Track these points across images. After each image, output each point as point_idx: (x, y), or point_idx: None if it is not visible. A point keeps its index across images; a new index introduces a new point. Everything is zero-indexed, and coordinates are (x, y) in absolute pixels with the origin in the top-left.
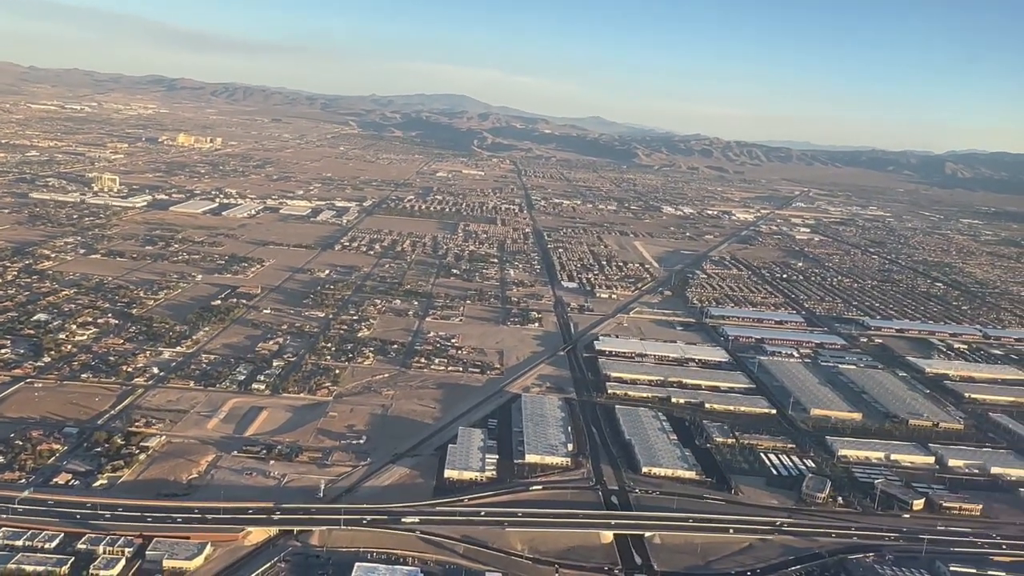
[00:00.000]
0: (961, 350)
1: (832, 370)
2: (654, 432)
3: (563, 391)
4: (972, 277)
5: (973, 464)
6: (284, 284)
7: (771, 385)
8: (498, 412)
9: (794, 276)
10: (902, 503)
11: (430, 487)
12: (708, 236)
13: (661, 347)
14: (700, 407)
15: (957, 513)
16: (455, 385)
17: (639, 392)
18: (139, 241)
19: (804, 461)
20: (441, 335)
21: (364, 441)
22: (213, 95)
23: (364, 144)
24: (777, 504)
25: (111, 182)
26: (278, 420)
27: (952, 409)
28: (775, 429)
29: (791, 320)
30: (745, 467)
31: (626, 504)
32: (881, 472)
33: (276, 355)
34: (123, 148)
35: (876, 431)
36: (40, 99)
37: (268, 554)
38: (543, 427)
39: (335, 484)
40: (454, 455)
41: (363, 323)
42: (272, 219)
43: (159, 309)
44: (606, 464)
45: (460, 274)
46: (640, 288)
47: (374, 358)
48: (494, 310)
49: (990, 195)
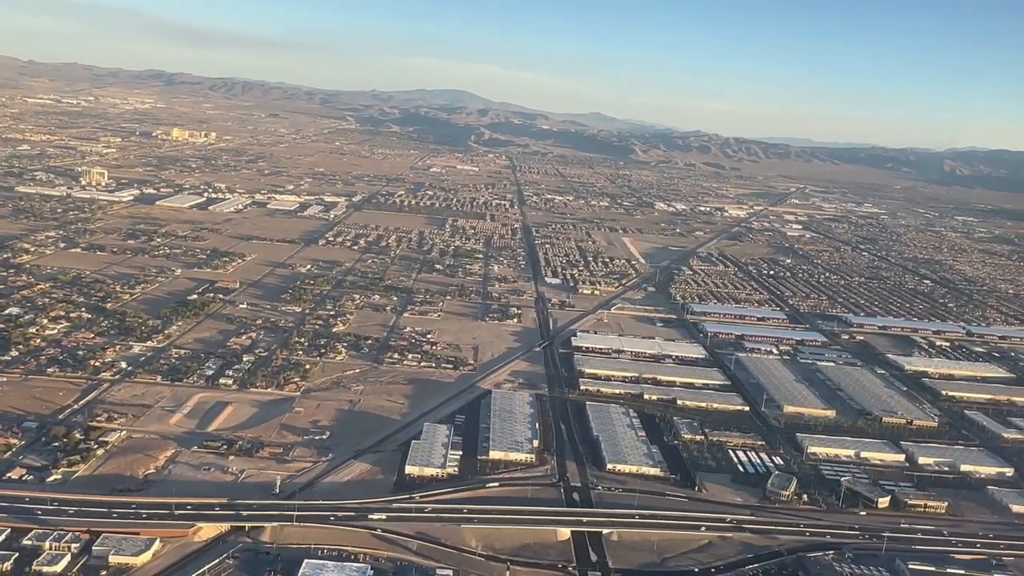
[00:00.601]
0: (943, 347)
1: (810, 367)
2: (622, 429)
3: (535, 387)
4: (961, 274)
5: (943, 462)
6: (264, 279)
7: (747, 382)
8: (467, 408)
9: (781, 273)
10: (867, 501)
11: (390, 483)
12: (698, 232)
13: (638, 343)
14: (672, 404)
15: (922, 511)
16: (426, 381)
17: (612, 388)
18: (121, 235)
19: (772, 458)
20: (417, 330)
21: (327, 437)
22: (211, 90)
23: (360, 139)
24: (741, 501)
25: (99, 176)
26: (243, 415)
27: (928, 407)
28: (746, 426)
29: (773, 317)
30: (712, 464)
31: (587, 501)
32: (850, 470)
33: (248, 350)
34: (116, 142)
35: (849, 428)
36: (37, 93)
37: (217, 550)
38: (510, 423)
39: (293, 480)
40: (416, 451)
41: (339, 318)
42: (259, 214)
43: (134, 303)
44: (571, 461)
45: (443, 270)
46: (624, 284)
47: (346, 353)
48: (474, 306)
49: (988, 192)
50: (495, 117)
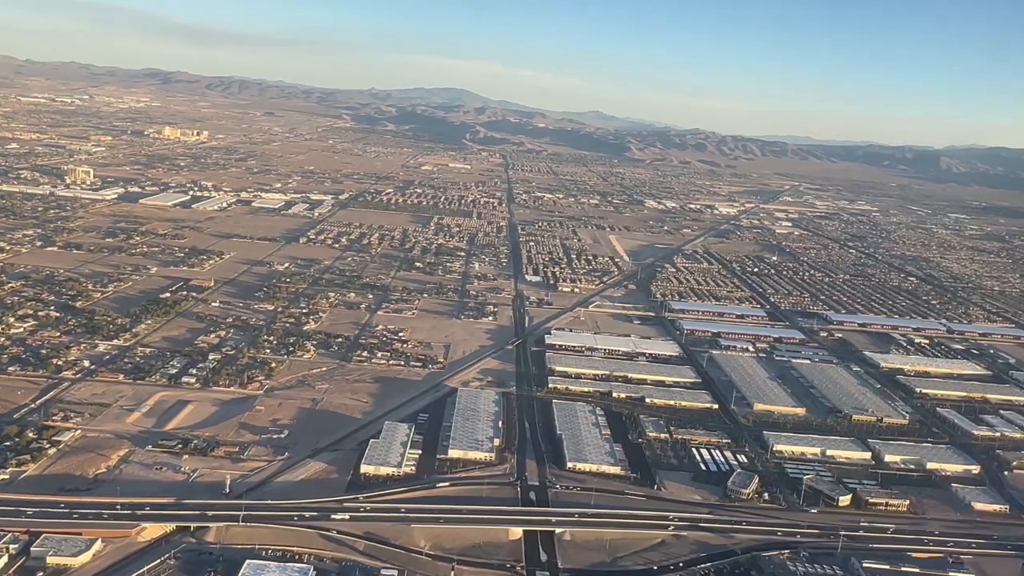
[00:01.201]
0: (922, 345)
1: (785, 365)
2: (587, 427)
3: (504, 385)
4: (948, 272)
5: (910, 460)
6: (240, 277)
7: (719, 379)
8: (431, 407)
9: (766, 270)
10: (828, 499)
11: (344, 483)
12: (686, 230)
13: (612, 341)
14: (641, 402)
15: (883, 509)
16: (393, 379)
17: (581, 387)
18: (100, 233)
19: (737, 456)
20: (390, 328)
21: (286, 435)
22: (208, 88)
23: (354, 138)
24: (700, 500)
25: (85, 175)
26: (202, 414)
27: (900, 404)
28: (714, 424)
29: (752, 314)
30: (674, 462)
31: (544, 500)
32: (814, 468)
33: (215, 348)
34: (106, 141)
35: (818, 426)
36: (32, 92)
37: (159, 551)
38: (473, 422)
39: (247, 479)
40: (374, 450)
41: (311, 316)
42: (243, 212)
43: (105, 302)
44: (532, 459)
45: (423, 267)
46: (605, 282)
47: (315, 351)
48: (450, 303)
49: (984, 190)
50: (492, 115)
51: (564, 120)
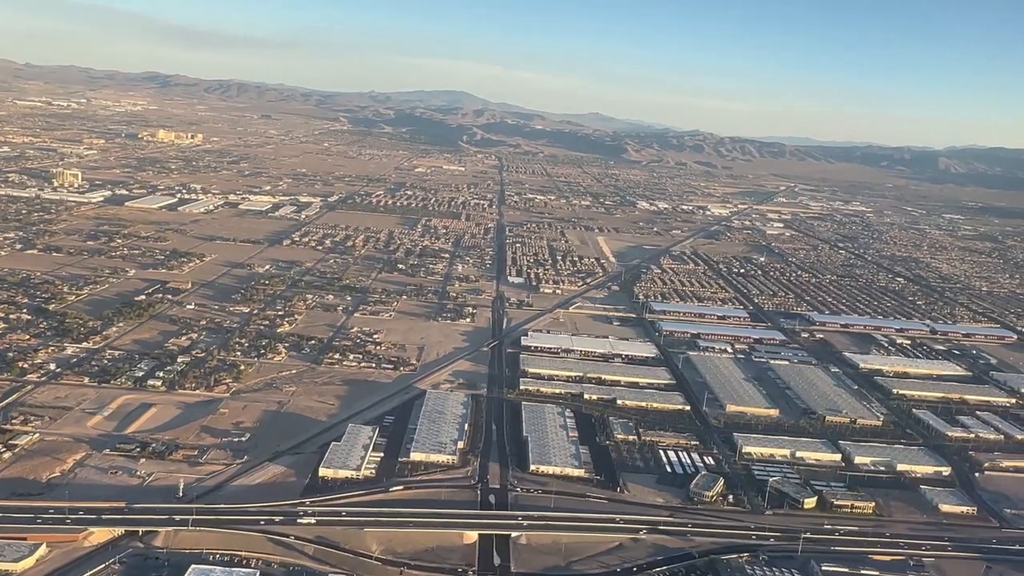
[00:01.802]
0: (903, 345)
1: (763, 366)
2: (554, 429)
3: (475, 387)
4: (937, 272)
5: (880, 461)
6: (219, 279)
7: (693, 381)
8: (398, 409)
9: (752, 271)
10: (793, 501)
11: (302, 486)
12: (676, 231)
13: (589, 342)
14: (612, 403)
15: (849, 511)
16: (363, 381)
17: (553, 388)
18: (81, 236)
19: (704, 458)
20: (365, 330)
21: (247, 439)
22: (206, 92)
23: (350, 140)
24: (663, 502)
25: (73, 177)
26: (164, 417)
27: (876, 405)
28: (684, 426)
29: (734, 315)
30: (640, 465)
31: (504, 503)
32: (782, 470)
33: (185, 351)
34: (99, 144)
35: (790, 428)
36: (29, 95)
37: (104, 555)
38: (438, 424)
39: (202, 483)
40: (334, 453)
41: (286, 318)
42: (229, 214)
43: (79, 305)
44: (496, 462)
45: (405, 269)
46: (588, 283)
47: (286, 354)
48: (429, 305)
49: (981, 190)
50: (491, 117)
51: (563, 122)
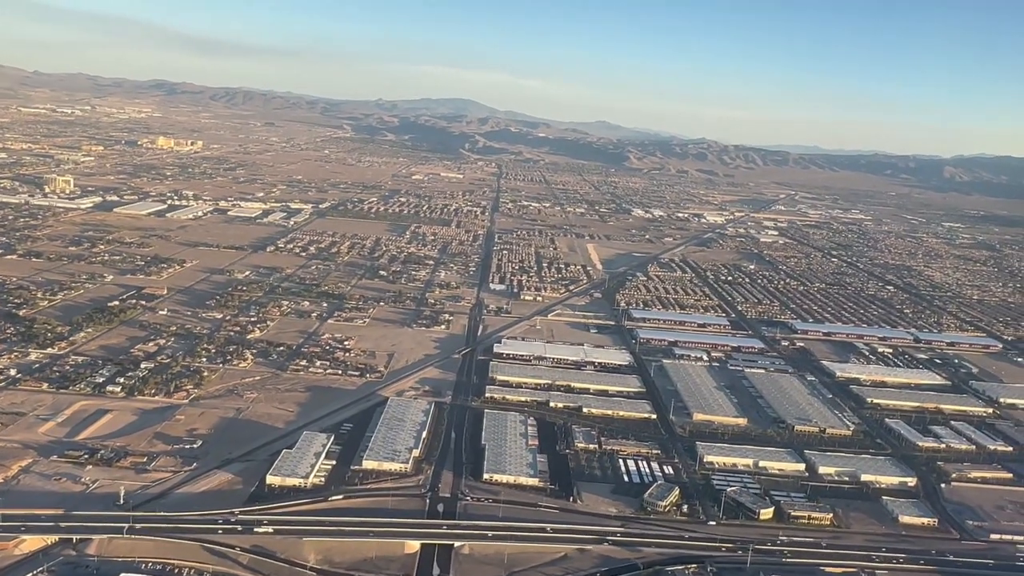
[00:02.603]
0: (885, 354)
1: (737, 374)
2: (513, 437)
3: (440, 395)
4: (929, 280)
5: (844, 471)
6: (196, 285)
7: (664, 389)
8: (358, 416)
9: (740, 279)
10: (749, 512)
11: (246, 494)
12: (668, 239)
13: (563, 350)
14: (578, 411)
15: (806, 522)
16: (327, 388)
17: (519, 396)
18: (64, 242)
19: (664, 468)
20: (336, 337)
21: (199, 445)
22: (212, 99)
23: (351, 147)
24: (616, 512)
25: (65, 184)
26: (119, 423)
27: (848, 414)
28: (649, 434)
29: (715, 323)
30: (598, 474)
31: (452, 512)
32: (743, 480)
33: (150, 357)
34: (98, 151)
35: (758, 437)
36: (34, 103)
37: (33, 563)
38: (396, 432)
39: (147, 490)
40: (284, 460)
41: (258, 325)
42: (217, 221)
43: (51, 310)
44: (450, 470)
45: (387, 276)
46: (571, 290)
47: (253, 360)
48: (406, 312)
49: (985, 198)
50: (495, 125)
51: (568, 130)
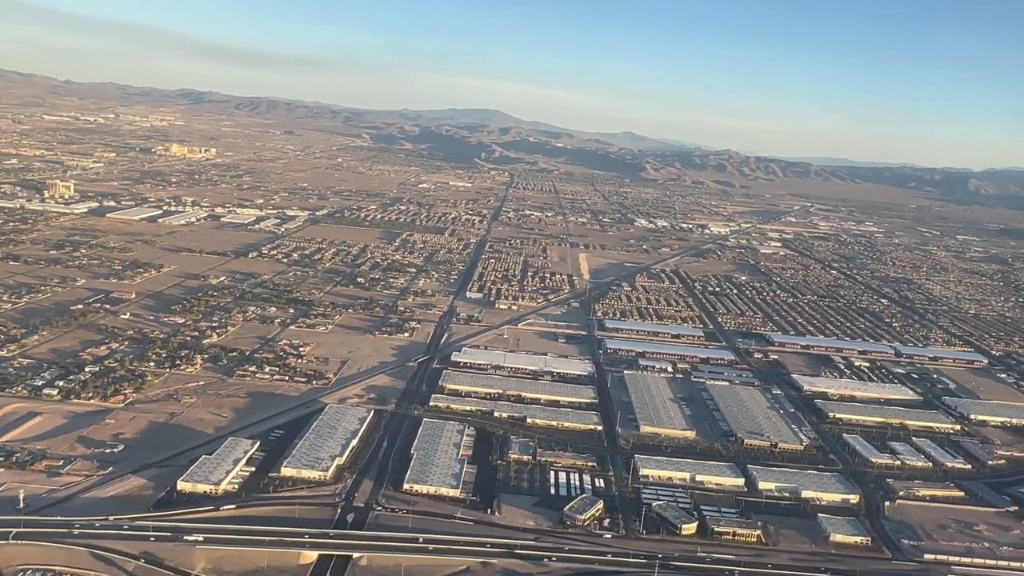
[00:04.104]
0: (861, 368)
1: (699, 386)
2: (445, 447)
3: (385, 403)
4: (927, 293)
5: (785, 487)
6: (167, 290)
7: (619, 400)
8: (292, 423)
9: (728, 290)
10: (671, 527)
11: (154, 500)
12: (665, 249)
13: (523, 359)
14: (522, 422)
15: (730, 539)
16: (269, 395)
17: (463, 405)
18: (47, 246)
19: (596, 480)
20: (293, 343)
21: (120, 450)
22: (237, 108)
23: (366, 156)
24: (533, 525)
25: (64, 189)
26: (47, 426)
27: (806, 429)
28: (590, 446)
29: (689, 334)
30: (525, 486)
31: (361, 523)
32: (675, 494)
33: (99, 360)
34: (109, 157)
35: (704, 450)
36: (60, 111)
37: None
38: (325, 439)
39: (53, 494)
40: (200, 466)
41: (217, 330)
42: (208, 227)
43: (12, 313)
44: (371, 479)
45: (364, 283)
46: (550, 299)
47: (202, 365)
48: (373, 319)
49: (1008, 212)
50: (516, 135)
51: (590, 140)
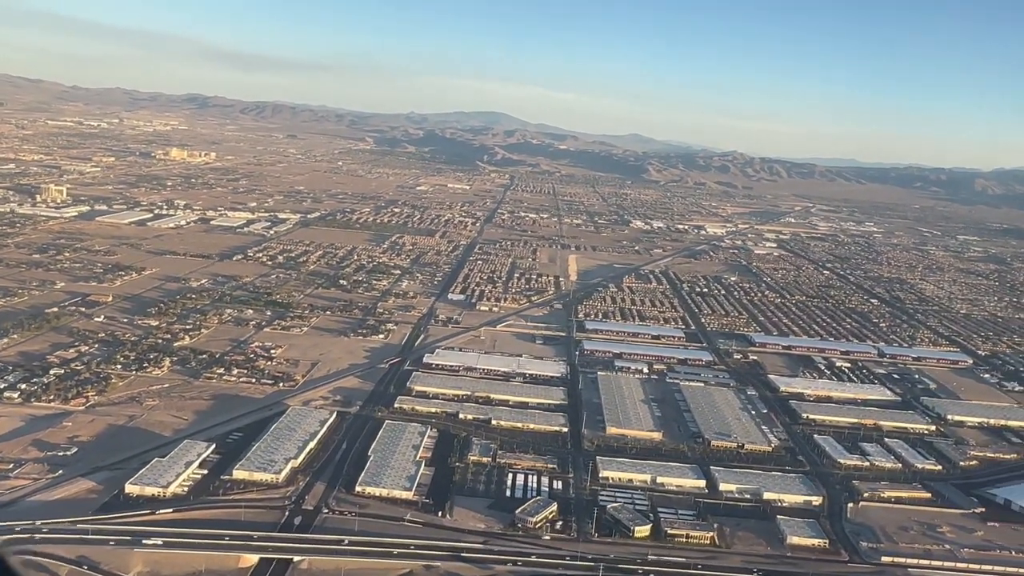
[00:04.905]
0: (842, 368)
1: (673, 387)
2: (405, 449)
3: (350, 404)
4: (919, 293)
5: (746, 488)
6: (145, 293)
7: (590, 401)
8: (254, 425)
9: (716, 290)
10: (624, 529)
11: (100, 503)
12: (658, 250)
13: (496, 361)
14: (487, 424)
15: (684, 541)
16: (233, 397)
17: (429, 407)
18: (31, 249)
19: (554, 482)
20: (265, 345)
21: (73, 452)
22: (242, 112)
23: (367, 159)
24: (483, 528)
25: (57, 193)
26: (2, 430)
27: (777, 430)
28: (552, 448)
29: (669, 335)
30: (481, 488)
31: (308, 526)
32: (633, 496)
33: (66, 363)
34: (107, 162)
35: (669, 452)
36: (64, 116)
37: None
38: (282, 442)
39: None
40: (151, 469)
41: (190, 332)
42: (197, 230)
43: None
44: (324, 482)
45: (346, 285)
46: (533, 301)
47: (170, 367)
48: (350, 321)
49: (1013, 211)
50: (520, 138)
51: (594, 143)
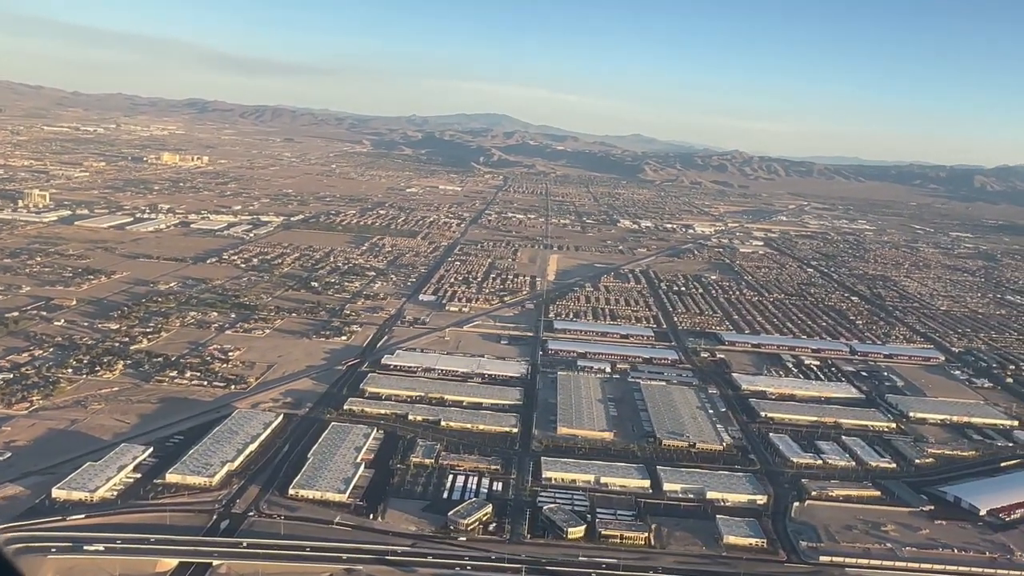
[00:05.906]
0: (810, 366)
1: (633, 386)
2: (347, 451)
3: (300, 407)
4: (902, 291)
5: (690, 488)
6: (111, 297)
7: (546, 402)
8: (197, 428)
9: (694, 289)
10: (557, 531)
11: (24, 508)
12: (642, 249)
13: (456, 361)
14: (436, 425)
15: (618, 542)
16: (182, 400)
17: (378, 408)
18: (3, 254)
19: (495, 484)
20: (224, 347)
21: (7, 457)
22: (241, 116)
23: (361, 162)
24: (415, 531)
25: (40, 198)
26: None
27: (732, 428)
28: (501, 449)
29: (638, 334)
30: (419, 490)
31: (233, 530)
32: (573, 497)
33: (17, 367)
34: (98, 167)
35: (619, 452)
36: (61, 122)
37: None
38: (222, 444)
39: None
40: (82, 473)
41: (149, 335)
42: (176, 233)
43: None
44: (259, 485)
45: (317, 287)
46: (505, 301)
47: (122, 371)
48: (315, 323)
49: (1011, 208)
50: (519, 139)
51: (595, 143)
